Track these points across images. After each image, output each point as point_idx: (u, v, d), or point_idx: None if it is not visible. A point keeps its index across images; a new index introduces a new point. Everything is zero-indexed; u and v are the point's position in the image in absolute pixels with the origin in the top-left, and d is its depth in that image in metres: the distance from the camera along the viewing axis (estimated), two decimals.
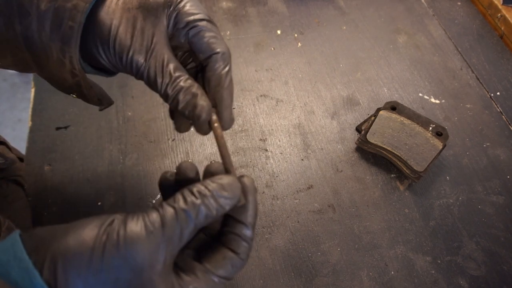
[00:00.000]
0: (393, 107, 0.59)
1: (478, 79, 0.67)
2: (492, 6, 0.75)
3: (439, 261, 0.51)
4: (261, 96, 0.65)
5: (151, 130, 0.60)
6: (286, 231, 0.52)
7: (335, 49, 0.71)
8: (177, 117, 0.38)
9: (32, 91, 0.63)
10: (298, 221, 0.53)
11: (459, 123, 0.62)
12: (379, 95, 0.65)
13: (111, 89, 0.63)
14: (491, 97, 0.65)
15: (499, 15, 0.73)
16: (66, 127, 0.60)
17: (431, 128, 0.57)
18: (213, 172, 0.31)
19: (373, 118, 0.58)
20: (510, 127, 0.62)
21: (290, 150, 0.59)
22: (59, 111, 0.61)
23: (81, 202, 0.54)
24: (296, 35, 0.72)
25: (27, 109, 0.64)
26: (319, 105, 0.64)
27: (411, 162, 0.54)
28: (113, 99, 0.41)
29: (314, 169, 0.58)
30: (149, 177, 0.56)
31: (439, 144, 0.55)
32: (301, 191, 0.56)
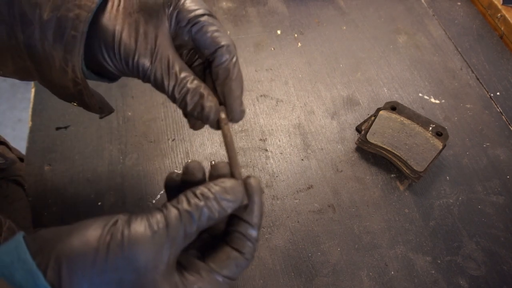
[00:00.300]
0: (393, 107, 0.59)
1: (478, 79, 0.67)
2: (492, 6, 0.75)
3: (439, 261, 0.51)
4: (261, 96, 0.65)
5: (151, 130, 0.60)
6: (286, 231, 0.52)
7: (335, 49, 0.71)
8: (190, 116, 0.38)
9: (32, 91, 0.63)
10: (298, 221, 0.53)
11: (459, 123, 0.62)
12: (379, 95, 0.65)
13: (111, 89, 0.63)
14: (491, 97, 0.65)
15: (499, 15, 0.73)
16: (66, 127, 0.60)
17: (431, 128, 0.57)
18: (219, 172, 0.31)
19: (373, 118, 0.58)
20: (510, 127, 0.62)
21: (290, 150, 0.59)
22: (59, 111, 0.61)
23: (81, 202, 0.54)
24: (296, 35, 0.72)
25: (27, 109, 0.64)
26: (319, 105, 0.64)
27: (411, 162, 0.54)
28: (113, 99, 0.41)
29: (314, 169, 0.58)
30: (149, 177, 0.56)
31: (439, 144, 0.55)
32: (301, 191, 0.56)
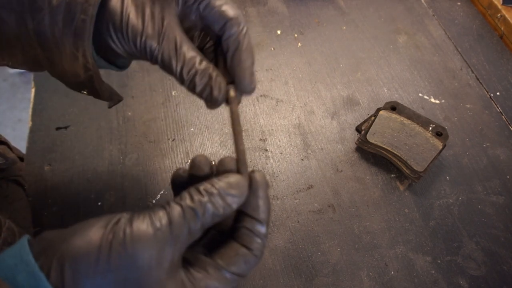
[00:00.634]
0: (393, 107, 0.59)
1: (478, 79, 0.67)
2: (492, 6, 0.75)
3: (439, 261, 0.51)
4: (261, 96, 0.65)
5: (151, 130, 0.60)
6: (286, 231, 0.52)
7: (335, 49, 0.71)
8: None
9: (32, 91, 0.63)
10: (298, 221, 0.53)
11: (459, 123, 0.62)
12: (379, 95, 0.65)
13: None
14: (491, 97, 0.65)
15: (499, 15, 0.73)
16: (66, 127, 0.60)
17: (431, 128, 0.57)
18: (225, 167, 0.31)
19: (373, 118, 0.58)
20: (510, 127, 0.62)
21: (290, 150, 0.59)
22: (59, 111, 0.61)
23: (81, 202, 0.54)
24: (296, 35, 0.72)
25: (27, 109, 0.64)
26: (319, 105, 0.64)
27: (411, 162, 0.54)
28: None
29: (314, 169, 0.58)
30: (149, 177, 0.56)
31: (439, 144, 0.55)
32: (301, 191, 0.56)
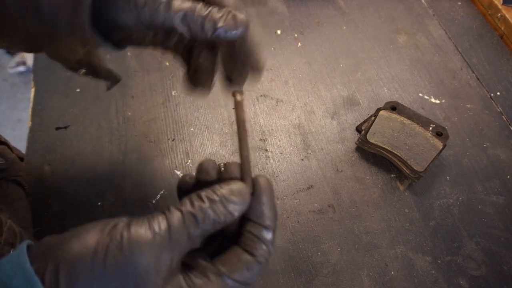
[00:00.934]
0: (393, 107, 0.59)
1: (478, 79, 0.67)
2: (492, 6, 0.75)
3: (439, 261, 0.51)
4: (261, 96, 0.65)
5: (151, 130, 0.60)
6: (286, 231, 0.52)
7: (335, 49, 0.71)
8: (198, 76, 0.36)
9: (32, 91, 0.63)
10: (298, 221, 0.53)
11: (459, 123, 0.62)
12: (379, 95, 0.65)
13: (111, 89, 0.63)
14: (491, 97, 0.65)
15: (499, 15, 0.73)
16: (66, 127, 0.60)
17: (431, 128, 0.57)
18: (230, 174, 0.30)
19: (373, 118, 0.58)
20: (510, 127, 0.62)
21: (290, 150, 0.59)
22: (59, 111, 0.61)
23: (81, 202, 0.54)
24: (296, 35, 0.72)
25: (27, 109, 0.64)
26: (319, 105, 0.64)
27: (411, 162, 0.54)
28: (113, 99, 0.41)
29: (314, 169, 0.58)
30: (149, 177, 0.56)
31: (439, 144, 0.55)
32: (301, 191, 0.56)
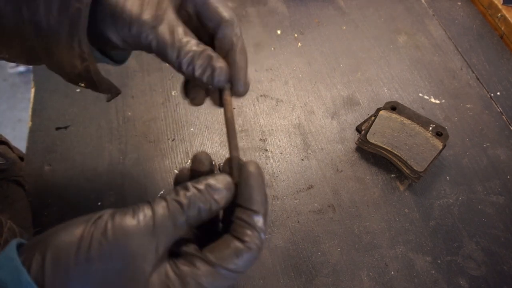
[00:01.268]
0: (393, 107, 0.59)
1: (478, 79, 0.67)
2: (492, 6, 0.75)
3: (439, 261, 0.51)
4: (261, 96, 0.65)
5: (151, 130, 0.60)
6: (286, 231, 0.52)
7: (335, 49, 0.71)
8: (192, 89, 0.37)
9: (32, 91, 0.63)
10: (298, 221, 0.53)
11: (459, 123, 0.62)
12: (379, 95, 0.65)
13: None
14: (491, 97, 0.65)
15: (499, 15, 0.73)
16: (66, 127, 0.60)
17: (431, 128, 0.57)
18: (222, 168, 0.31)
19: (373, 118, 0.58)
20: (510, 127, 0.62)
21: (290, 150, 0.59)
22: (59, 111, 0.61)
23: (81, 202, 0.54)
24: (296, 35, 0.72)
25: (27, 109, 0.64)
26: (319, 105, 0.64)
27: (411, 162, 0.54)
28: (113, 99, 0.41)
29: (314, 169, 0.58)
30: (149, 177, 0.56)
31: (439, 144, 0.55)
32: (301, 191, 0.56)
